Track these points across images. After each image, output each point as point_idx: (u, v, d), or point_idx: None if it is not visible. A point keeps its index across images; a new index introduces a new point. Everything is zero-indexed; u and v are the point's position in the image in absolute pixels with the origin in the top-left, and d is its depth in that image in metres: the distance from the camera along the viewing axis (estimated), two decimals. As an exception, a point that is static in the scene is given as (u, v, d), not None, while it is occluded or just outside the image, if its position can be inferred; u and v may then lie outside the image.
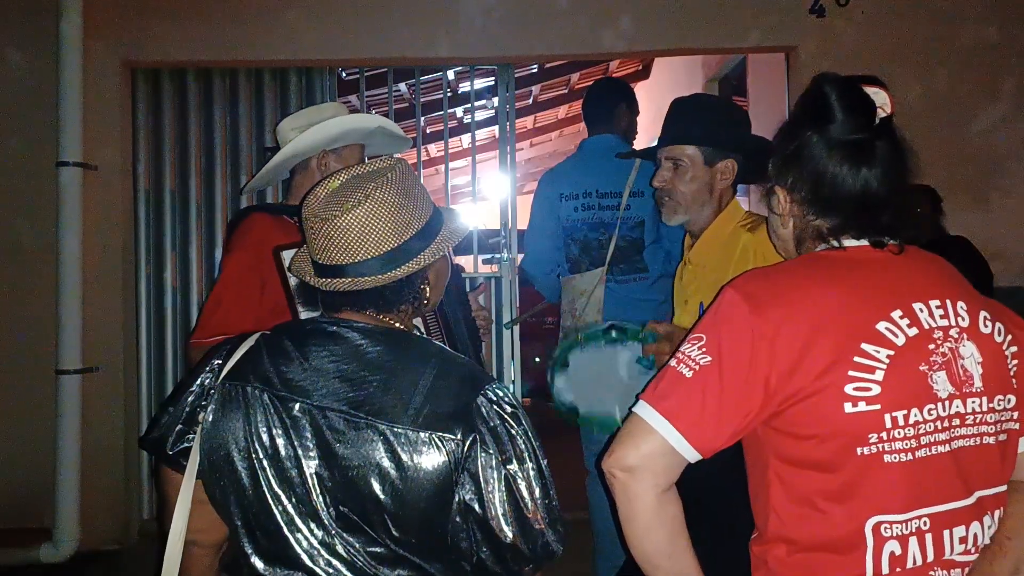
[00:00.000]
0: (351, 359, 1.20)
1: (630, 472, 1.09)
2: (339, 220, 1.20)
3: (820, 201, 1.19)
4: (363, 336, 1.22)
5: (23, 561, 3.36)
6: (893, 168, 1.16)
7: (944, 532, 1.08)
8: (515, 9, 3.63)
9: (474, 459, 1.15)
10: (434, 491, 1.14)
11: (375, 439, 1.14)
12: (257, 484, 1.18)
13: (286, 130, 2.12)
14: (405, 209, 1.24)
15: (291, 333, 1.27)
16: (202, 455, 1.23)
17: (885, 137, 1.16)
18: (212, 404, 1.22)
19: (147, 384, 3.79)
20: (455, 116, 7.24)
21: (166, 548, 1.24)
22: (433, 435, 1.14)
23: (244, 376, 1.22)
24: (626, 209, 2.94)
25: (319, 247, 1.23)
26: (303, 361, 1.21)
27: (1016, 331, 1.16)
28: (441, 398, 1.17)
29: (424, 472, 1.14)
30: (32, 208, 3.52)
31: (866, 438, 1.05)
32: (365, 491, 1.14)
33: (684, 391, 1.09)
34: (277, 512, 1.17)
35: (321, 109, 2.19)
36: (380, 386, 1.17)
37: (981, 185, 3.64)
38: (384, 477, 1.14)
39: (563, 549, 1.19)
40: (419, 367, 1.19)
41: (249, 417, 1.19)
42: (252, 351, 1.25)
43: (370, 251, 1.21)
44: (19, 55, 3.56)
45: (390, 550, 1.15)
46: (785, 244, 1.29)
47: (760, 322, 1.07)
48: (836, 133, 1.16)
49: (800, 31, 3.60)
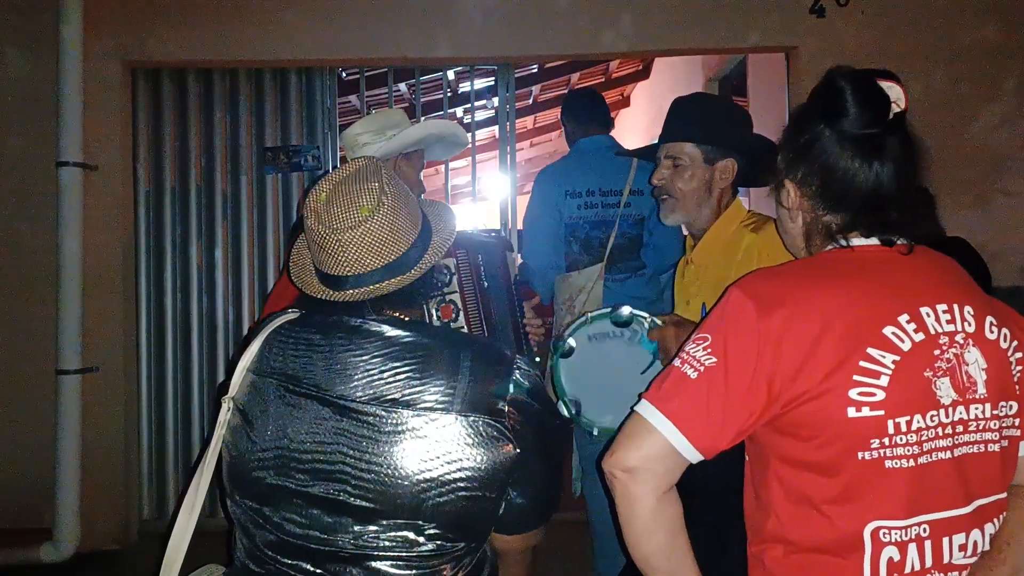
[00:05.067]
0: (379, 352, 1.20)
1: (631, 473, 1.08)
2: (354, 232, 1.20)
3: (831, 196, 1.17)
4: (387, 329, 1.22)
5: (23, 561, 3.36)
6: (905, 165, 1.15)
7: (944, 539, 1.07)
8: (515, 9, 3.63)
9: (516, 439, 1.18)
10: (474, 473, 1.15)
11: (413, 428, 1.15)
12: (281, 480, 1.17)
13: (355, 135, 2.17)
14: (408, 211, 1.25)
15: (318, 326, 1.26)
16: (225, 448, 1.22)
17: (898, 133, 1.14)
18: (238, 395, 1.22)
19: (147, 384, 3.80)
20: (455, 116, 7.24)
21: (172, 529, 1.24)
22: (476, 419, 1.16)
23: (268, 370, 1.22)
24: (626, 206, 2.95)
25: (333, 261, 1.23)
26: (329, 355, 1.20)
27: (1022, 336, 1.15)
28: (479, 382, 1.18)
29: (467, 454, 1.15)
30: (32, 208, 3.52)
31: (868, 443, 1.04)
32: (401, 480, 1.14)
33: (689, 392, 1.08)
34: (302, 504, 1.16)
35: (388, 114, 2.25)
36: (413, 376, 1.17)
37: (981, 185, 3.64)
38: (424, 463, 1.14)
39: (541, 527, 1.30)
40: (450, 354, 1.20)
41: (273, 413, 1.19)
42: (276, 341, 1.25)
43: (386, 258, 1.22)
44: (19, 55, 3.56)
45: (425, 536, 1.16)
46: (793, 239, 1.27)
47: (766, 323, 1.06)
48: (849, 127, 1.14)
49: (800, 31, 3.60)
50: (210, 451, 1.24)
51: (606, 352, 1.76)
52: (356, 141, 2.14)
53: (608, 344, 1.75)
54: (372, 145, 2.13)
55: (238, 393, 1.25)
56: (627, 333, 1.75)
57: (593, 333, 1.77)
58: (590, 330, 1.76)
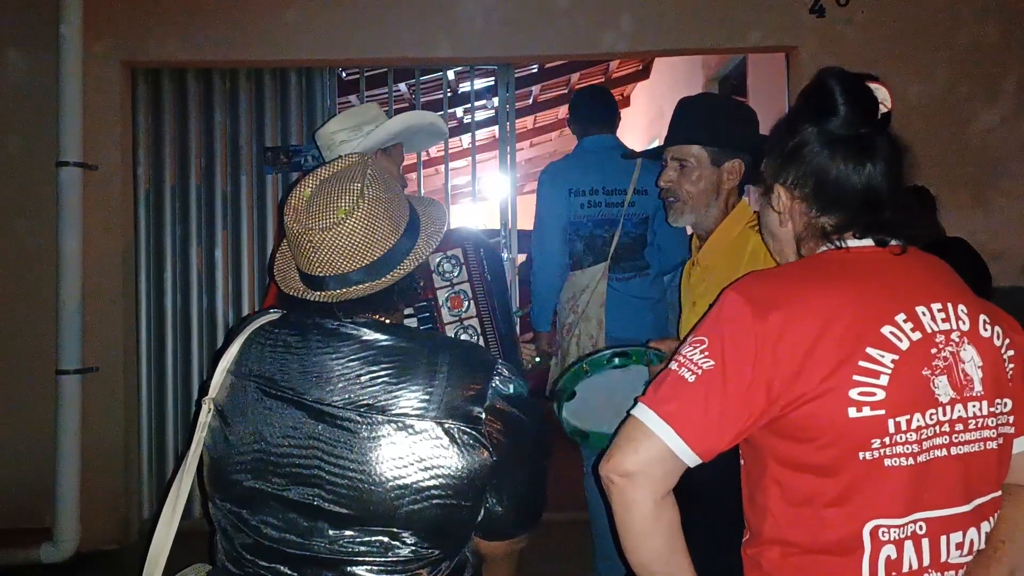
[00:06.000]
0: (355, 356, 1.19)
1: (629, 478, 1.07)
2: (339, 228, 1.18)
3: (824, 197, 1.16)
4: (370, 331, 1.21)
5: (23, 561, 3.36)
6: (895, 164, 1.15)
7: (941, 537, 1.07)
8: (515, 9, 3.63)
9: (492, 447, 1.16)
10: (448, 480, 1.14)
11: (388, 433, 1.13)
12: (259, 483, 1.17)
13: (331, 133, 2.13)
14: (393, 204, 1.23)
15: (295, 327, 1.25)
16: (205, 450, 1.22)
17: (886, 133, 1.15)
18: (218, 396, 1.22)
19: (147, 384, 3.80)
20: (455, 116, 7.24)
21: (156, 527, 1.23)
22: (452, 425, 1.14)
23: (247, 371, 1.21)
24: (630, 206, 2.95)
25: (306, 260, 1.21)
26: (306, 357, 1.19)
27: (1013, 335, 1.16)
28: (456, 388, 1.16)
29: (442, 462, 1.13)
30: (32, 208, 3.52)
31: (869, 443, 1.04)
32: (374, 487, 1.13)
33: (687, 395, 1.07)
34: (279, 508, 1.16)
35: (364, 110, 2.20)
36: (389, 382, 1.16)
37: (981, 185, 3.63)
38: (398, 470, 1.13)
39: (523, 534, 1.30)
40: (428, 359, 1.18)
41: (251, 415, 1.18)
42: (255, 342, 1.24)
43: (374, 253, 1.20)
44: (19, 55, 3.56)
45: (400, 542, 1.15)
46: (781, 245, 1.27)
47: (763, 325, 1.06)
48: (840, 128, 1.14)
49: (800, 31, 3.60)
50: (191, 453, 1.23)
51: (608, 382, 1.70)
52: (333, 139, 2.10)
53: (608, 374, 1.69)
54: (350, 142, 2.09)
55: (218, 394, 1.24)
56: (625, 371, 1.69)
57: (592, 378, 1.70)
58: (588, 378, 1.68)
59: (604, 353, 1.67)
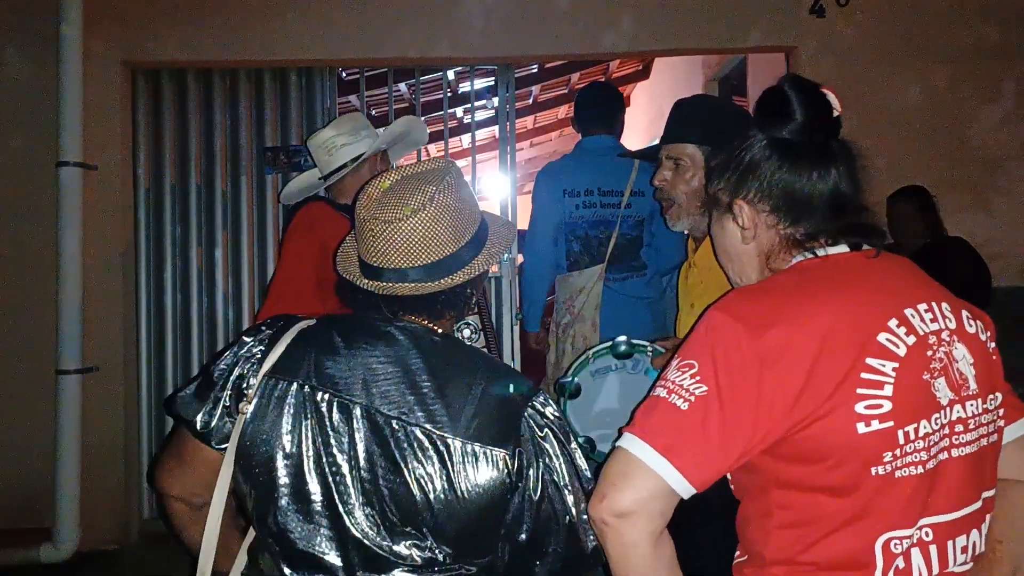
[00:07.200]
0: (401, 362, 1.18)
1: (625, 518, 1.00)
2: (401, 224, 1.18)
3: (793, 207, 1.13)
4: (415, 339, 1.20)
5: (23, 561, 3.36)
6: (855, 167, 1.14)
7: (948, 543, 1.04)
8: (515, 9, 3.63)
9: (523, 473, 1.15)
10: (481, 502, 1.13)
11: (425, 446, 1.13)
12: (296, 482, 1.16)
13: (329, 138, 2.19)
14: (462, 215, 1.23)
15: (340, 327, 1.24)
16: (241, 447, 1.20)
17: (839, 138, 1.14)
18: (256, 397, 1.20)
19: (147, 384, 3.79)
20: (455, 116, 7.24)
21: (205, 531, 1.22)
22: (484, 448, 1.13)
23: (290, 371, 1.20)
24: (627, 207, 2.95)
25: (375, 249, 1.21)
26: (351, 359, 1.19)
27: (991, 329, 1.14)
28: (491, 409, 1.16)
29: (471, 483, 1.13)
30: (32, 208, 3.52)
31: (880, 457, 0.99)
32: (407, 496, 1.13)
33: (682, 424, 1.00)
34: (311, 510, 1.16)
35: (354, 118, 2.29)
36: (431, 393, 1.15)
37: (981, 185, 3.63)
38: (429, 484, 1.13)
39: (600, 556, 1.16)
40: (470, 376, 1.18)
41: (292, 415, 1.17)
42: (298, 343, 1.23)
43: (429, 256, 1.20)
44: (19, 55, 3.56)
45: (430, 552, 1.14)
46: (742, 265, 1.22)
47: (761, 344, 1.00)
48: (799, 134, 1.12)
49: (800, 31, 3.60)
50: (227, 454, 1.22)
51: (610, 386, 1.72)
52: (333, 143, 2.17)
53: (611, 378, 1.71)
54: (352, 145, 2.16)
55: (257, 396, 1.23)
56: (629, 364, 1.72)
57: (596, 369, 1.73)
58: (593, 367, 1.72)
59: (607, 344, 1.71)
